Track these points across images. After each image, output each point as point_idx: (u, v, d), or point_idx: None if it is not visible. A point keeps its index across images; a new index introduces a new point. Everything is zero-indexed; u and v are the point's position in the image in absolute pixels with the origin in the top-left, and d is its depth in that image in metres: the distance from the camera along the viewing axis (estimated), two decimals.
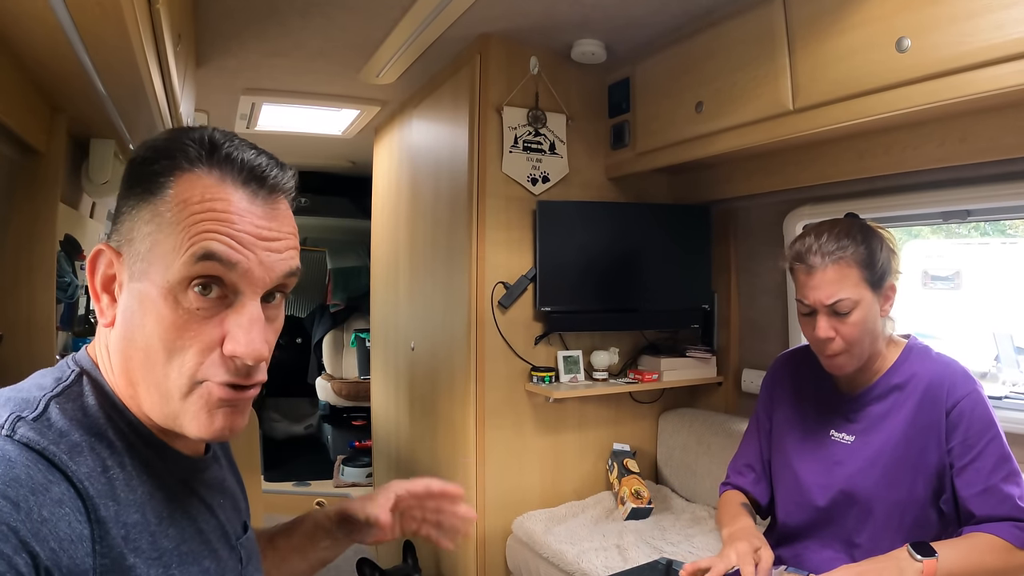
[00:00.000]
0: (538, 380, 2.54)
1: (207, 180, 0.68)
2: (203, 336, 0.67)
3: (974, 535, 1.29)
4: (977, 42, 1.43)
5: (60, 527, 0.58)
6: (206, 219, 0.66)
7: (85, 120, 2.09)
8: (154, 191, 0.68)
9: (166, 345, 0.67)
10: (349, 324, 5.40)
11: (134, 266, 0.68)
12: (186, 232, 0.66)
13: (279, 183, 0.72)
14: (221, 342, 0.68)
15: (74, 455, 0.63)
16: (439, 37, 2.47)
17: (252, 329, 0.68)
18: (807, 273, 1.38)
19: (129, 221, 0.69)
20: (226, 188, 0.69)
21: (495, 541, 2.54)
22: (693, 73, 2.25)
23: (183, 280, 0.66)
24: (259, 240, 0.69)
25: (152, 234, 0.67)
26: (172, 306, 0.66)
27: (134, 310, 0.68)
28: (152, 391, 0.69)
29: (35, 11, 1.26)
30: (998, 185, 1.83)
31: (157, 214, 0.67)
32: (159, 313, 0.66)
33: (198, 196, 0.67)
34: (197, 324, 0.67)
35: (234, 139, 0.71)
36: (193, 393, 0.68)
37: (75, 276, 2.17)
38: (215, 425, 0.69)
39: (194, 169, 0.68)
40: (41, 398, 0.66)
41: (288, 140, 3.99)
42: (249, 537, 0.90)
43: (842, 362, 1.40)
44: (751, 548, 1.33)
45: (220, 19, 2.34)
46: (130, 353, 0.69)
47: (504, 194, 2.54)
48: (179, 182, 0.68)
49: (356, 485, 4.74)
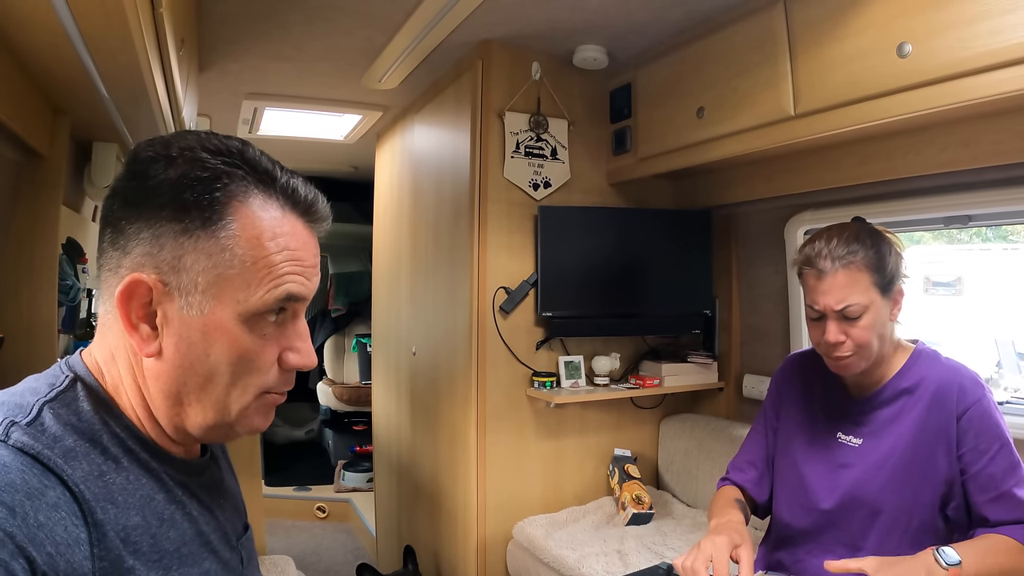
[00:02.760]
0: (539, 385, 2.54)
1: (272, 212, 0.71)
2: (270, 355, 0.73)
3: (989, 537, 1.29)
4: (977, 47, 1.44)
5: (56, 531, 0.58)
6: (285, 260, 0.71)
7: (87, 123, 2.09)
8: (213, 221, 0.68)
9: (237, 369, 0.71)
10: (350, 329, 5.41)
11: (191, 297, 0.68)
12: (268, 274, 0.70)
13: (325, 216, 0.77)
14: (279, 357, 0.74)
15: (69, 459, 0.63)
16: (441, 42, 2.48)
17: (307, 342, 0.76)
18: (817, 278, 1.38)
19: (177, 250, 0.67)
20: (290, 222, 0.73)
21: (496, 546, 2.54)
22: (694, 79, 2.25)
23: (260, 315, 0.71)
24: (313, 269, 0.75)
25: (217, 268, 0.68)
26: (247, 334, 0.70)
27: (195, 341, 0.69)
28: (209, 409, 0.72)
29: (39, 15, 1.26)
30: (1000, 190, 1.83)
31: (223, 248, 0.68)
32: (233, 342, 0.70)
33: (269, 233, 0.70)
34: (263, 347, 0.72)
35: (284, 168, 0.74)
36: (255, 403, 0.74)
37: (77, 279, 2.17)
38: (263, 424, 0.77)
39: (250, 199, 0.70)
40: (35, 403, 0.65)
41: (290, 145, 4.00)
42: (249, 537, 0.90)
43: (850, 363, 1.40)
44: (729, 543, 1.31)
45: (223, 24, 2.35)
46: (185, 379, 0.70)
47: (506, 199, 2.55)
48: (239, 213, 0.69)
49: (357, 490, 4.74)
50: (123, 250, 0.69)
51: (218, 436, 0.75)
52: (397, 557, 3.22)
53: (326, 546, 4.21)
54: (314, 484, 4.88)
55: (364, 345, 5.08)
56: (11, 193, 1.92)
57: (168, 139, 0.70)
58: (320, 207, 0.75)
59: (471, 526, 2.52)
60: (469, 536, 2.54)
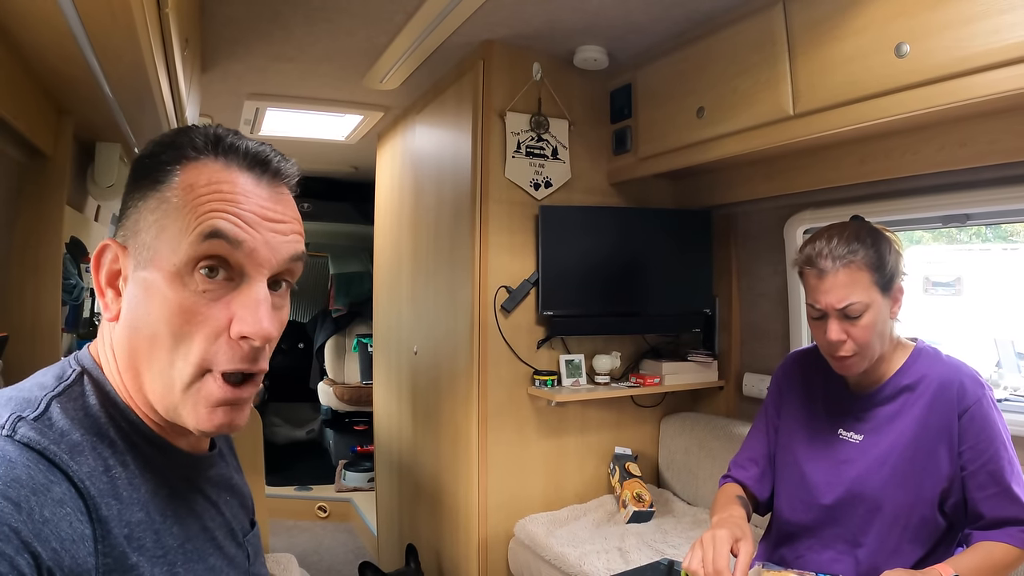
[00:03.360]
0: (540, 384, 2.55)
1: (213, 166, 0.70)
2: (210, 320, 0.68)
3: (984, 545, 1.32)
4: (974, 47, 1.45)
5: (62, 527, 0.58)
6: (212, 199, 0.68)
7: (91, 124, 2.11)
8: (161, 180, 0.69)
9: (172, 331, 0.67)
10: (351, 329, 5.42)
11: (140, 256, 0.68)
12: (192, 213, 0.67)
13: (282, 168, 0.74)
14: (228, 326, 0.68)
15: (75, 455, 0.63)
16: (442, 43, 2.50)
17: (259, 308, 0.69)
18: (818, 277, 1.39)
19: (135, 214, 0.70)
20: (232, 172, 0.70)
21: (497, 544, 2.55)
22: (694, 79, 2.27)
23: (190, 262, 0.66)
24: (264, 220, 0.70)
25: (158, 220, 0.68)
26: (178, 289, 0.67)
27: (140, 299, 0.68)
28: (156, 381, 0.69)
29: (45, 14, 1.28)
30: (997, 189, 1.84)
31: (164, 200, 0.68)
32: (165, 297, 0.67)
33: (204, 180, 0.68)
34: (204, 307, 0.67)
35: (238, 133, 0.74)
36: (194, 386, 0.68)
37: (80, 278, 2.19)
38: (214, 421, 0.69)
39: (200, 158, 0.70)
40: (42, 398, 0.65)
41: (291, 145, 4.01)
42: (256, 534, 0.90)
43: (852, 363, 1.41)
44: (729, 537, 1.31)
45: (225, 24, 2.36)
46: (135, 343, 0.69)
47: (507, 199, 2.56)
48: (185, 170, 0.69)
49: (358, 490, 4.74)
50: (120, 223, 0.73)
51: (174, 418, 0.70)
52: (399, 556, 3.23)
53: (327, 545, 4.21)
54: (315, 484, 4.89)
55: (365, 345, 5.09)
56: (15, 193, 1.93)
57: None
58: (271, 158, 0.73)
59: (473, 524, 2.53)
60: (471, 534, 2.55)
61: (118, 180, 2.37)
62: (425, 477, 3.03)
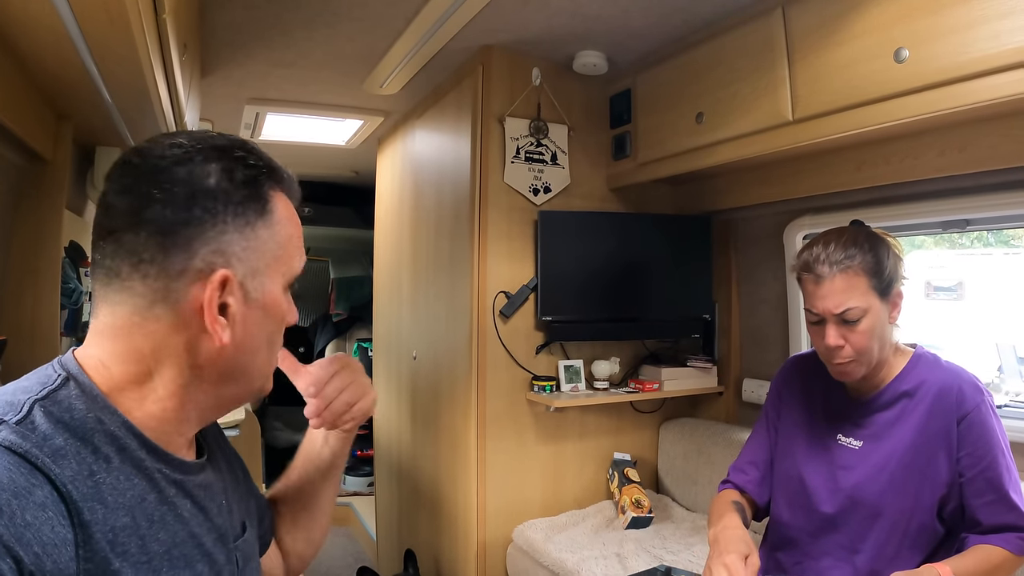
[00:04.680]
0: (539, 389, 2.54)
1: (286, 200, 0.82)
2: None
3: (982, 548, 1.32)
4: (974, 52, 1.45)
5: (43, 531, 0.57)
6: (298, 236, 0.83)
7: (90, 128, 2.11)
8: (266, 209, 0.77)
9: (277, 336, 0.82)
10: (351, 333, 5.42)
11: (253, 280, 0.76)
12: (295, 252, 0.82)
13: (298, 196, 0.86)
14: None
15: (58, 458, 0.62)
16: (442, 48, 2.50)
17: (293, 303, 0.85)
18: (815, 283, 1.39)
19: (242, 241, 0.75)
20: (291, 206, 0.83)
21: (496, 550, 2.54)
22: (694, 84, 2.27)
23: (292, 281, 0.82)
24: None
25: (272, 251, 0.78)
26: (285, 300, 0.81)
27: (259, 319, 0.78)
28: (254, 378, 0.81)
29: (42, 19, 1.28)
30: (997, 194, 1.84)
31: (274, 234, 0.78)
32: (280, 312, 0.81)
33: (288, 215, 0.81)
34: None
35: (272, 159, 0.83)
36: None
37: (79, 282, 2.18)
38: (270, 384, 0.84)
39: (278, 191, 0.80)
40: (25, 401, 0.65)
41: (291, 150, 4.01)
42: (247, 539, 0.89)
43: (851, 369, 1.41)
44: (741, 559, 1.31)
45: (225, 29, 2.36)
46: (245, 358, 0.78)
47: (506, 204, 2.56)
48: (275, 202, 0.79)
49: (358, 494, 4.74)
50: (186, 252, 0.71)
51: (241, 403, 0.83)
52: (397, 561, 3.22)
53: (326, 549, 4.20)
54: None
55: (365, 349, 5.08)
56: (15, 197, 1.93)
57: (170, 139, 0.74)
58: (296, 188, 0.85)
59: (471, 529, 2.53)
60: (469, 539, 2.54)
61: None
62: (424, 482, 3.03)
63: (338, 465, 1.07)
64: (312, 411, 0.94)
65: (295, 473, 1.06)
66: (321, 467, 1.05)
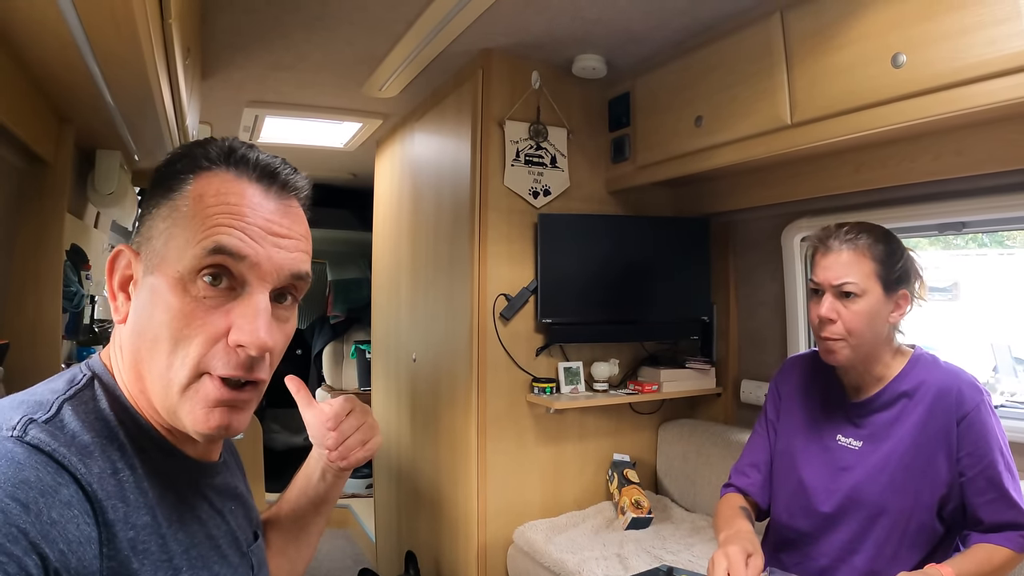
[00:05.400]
0: (539, 391, 2.55)
1: (224, 176, 0.72)
2: (209, 326, 0.69)
3: (984, 547, 1.34)
4: (971, 57, 1.46)
5: (69, 529, 0.58)
6: (219, 212, 0.70)
7: (92, 131, 2.12)
8: (174, 188, 0.72)
9: (172, 334, 0.68)
10: (349, 336, 5.41)
11: (149, 261, 0.71)
12: (200, 225, 0.69)
13: (291, 181, 0.77)
14: (227, 333, 0.70)
15: (84, 457, 0.63)
16: (442, 52, 2.51)
17: (257, 319, 0.70)
18: (823, 254, 1.44)
19: (149, 220, 0.73)
20: (241, 183, 0.73)
21: (496, 551, 2.55)
22: (693, 88, 2.28)
23: (193, 270, 0.69)
24: (269, 234, 0.72)
25: (168, 228, 0.71)
26: (181, 295, 0.68)
27: (145, 302, 0.71)
28: (156, 382, 0.70)
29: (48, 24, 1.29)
30: (993, 197, 1.86)
31: (174, 209, 0.71)
32: (168, 302, 0.68)
33: (213, 191, 0.71)
34: (204, 313, 0.69)
35: (252, 146, 0.76)
36: (191, 387, 0.69)
37: (81, 285, 2.19)
38: (211, 422, 0.70)
39: (212, 168, 0.73)
40: (54, 401, 0.66)
41: (290, 152, 3.96)
42: (259, 546, 0.90)
43: (837, 348, 1.42)
44: (743, 554, 1.32)
45: (226, 33, 2.37)
46: (139, 345, 0.71)
47: (506, 207, 2.57)
48: (198, 180, 0.72)
49: (356, 496, 4.74)
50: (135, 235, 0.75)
51: (174, 421, 0.72)
52: (397, 562, 3.23)
53: (325, 551, 4.20)
54: None
55: (363, 352, 5.08)
56: (17, 200, 1.94)
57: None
58: (280, 170, 0.76)
59: (472, 531, 2.53)
60: (470, 541, 2.55)
61: (118, 187, 2.37)
62: (424, 484, 3.03)
63: (331, 501, 1.08)
64: (332, 443, 0.96)
65: (287, 504, 1.07)
66: (315, 501, 1.06)
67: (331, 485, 1.05)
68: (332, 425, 0.96)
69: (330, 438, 0.96)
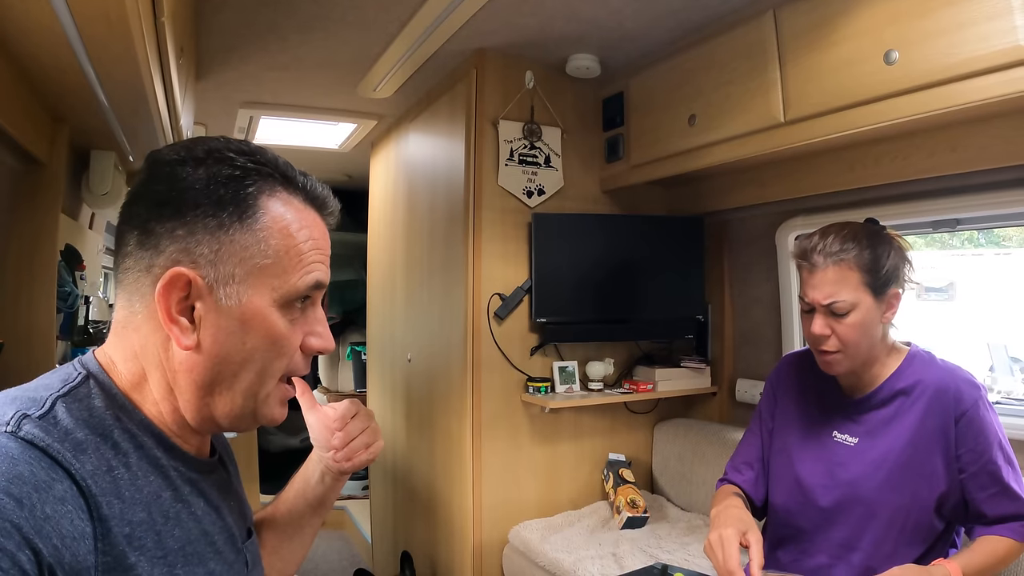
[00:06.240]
0: (534, 391, 2.55)
1: (295, 205, 0.77)
2: (295, 339, 0.78)
3: (988, 540, 1.36)
4: (964, 54, 1.47)
5: (62, 524, 0.58)
6: (311, 249, 0.77)
7: (86, 131, 2.11)
8: (247, 214, 0.72)
9: (269, 355, 0.75)
10: (344, 337, 5.40)
11: (228, 288, 0.72)
12: (298, 260, 0.75)
13: (335, 211, 0.83)
14: (301, 342, 0.79)
15: (78, 453, 0.63)
16: (436, 51, 2.51)
17: (326, 327, 0.82)
18: (809, 271, 1.42)
19: (213, 244, 0.71)
20: (310, 215, 0.79)
21: (492, 551, 2.54)
22: (686, 87, 2.28)
23: (292, 299, 0.76)
24: (328, 259, 0.81)
25: (253, 258, 0.73)
26: (278, 319, 0.75)
27: (233, 330, 0.73)
28: (238, 396, 0.76)
29: (42, 22, 1.28)
30: (987, 194, 1.86)
31: (258, 240, 0.73)
32: (267, 327, 0.74)
33: (296, 224, 0.76)
34: (290, 331, 0.77)
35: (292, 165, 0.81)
36: (276, 390, 0.79)
37: (75, 286, 2.18)
38: (282, 415, 0.81)
39: (277, 194, 0.75)
40: (48, 397, 0.66)
41: (285, 154, 3.89)
42: (253, 542, 0.91)
43: (835, 360, 1.42)
44: (736, 534, 1.33)
45: (220, 33, 2.37)
46: (220, 369, 0.73)
47: (500, 207, 2.57)
48: (269, 207, 0.74)
49: (352, 497, 4.73)
50: (155, 249, 0.71)
51: (241, 424, 0.78)
52: (393, 563, 3.22)
53: (322, 553, 4.20)
54: None
55: (358, 353, 5.07)
56: (11, 200, 1.93)
57: (189, 143, 0.75)
58: (331, 203, 0.82)
59: (467, 531, 2.53)
60: (465, 541, 2.54)
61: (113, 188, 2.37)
62: (419, 484, 3.03)
63: (328, 503, 1.08)
64: (339, 443, 0.98)
65: (284, 504, 1.07)
66: (313, 503, 1.06)
67: (329, 488, 1.05)
68: (339, 425, 0.98)
69: (337, 438, 0.98)
